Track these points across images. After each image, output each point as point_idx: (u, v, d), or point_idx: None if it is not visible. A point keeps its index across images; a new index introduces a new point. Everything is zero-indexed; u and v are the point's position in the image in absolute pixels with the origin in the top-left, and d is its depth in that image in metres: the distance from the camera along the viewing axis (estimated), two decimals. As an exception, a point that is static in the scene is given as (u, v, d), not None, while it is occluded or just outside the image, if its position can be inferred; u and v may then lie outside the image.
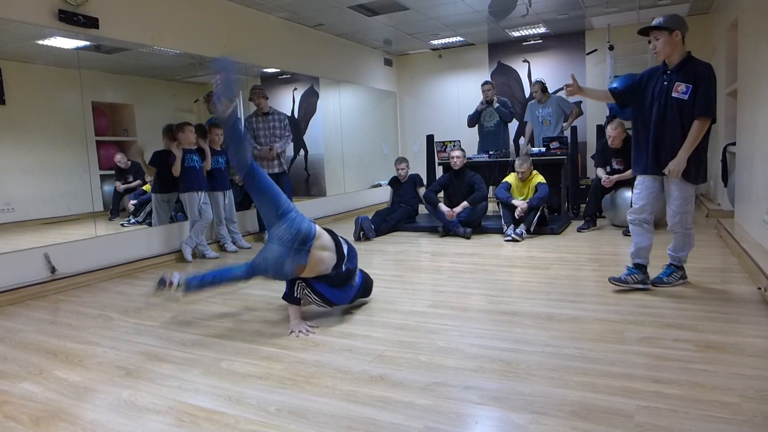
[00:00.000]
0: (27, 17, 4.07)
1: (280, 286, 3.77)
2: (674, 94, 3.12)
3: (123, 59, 5.31)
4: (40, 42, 4.46)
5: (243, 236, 5.72)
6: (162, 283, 2.91)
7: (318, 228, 2.96)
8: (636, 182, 3.44)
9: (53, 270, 4.14)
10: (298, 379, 2.28)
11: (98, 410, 2.08)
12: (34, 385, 2.34)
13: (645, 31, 3.22)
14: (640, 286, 3.35)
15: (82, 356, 2.67)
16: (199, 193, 5.04)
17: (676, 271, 3.42)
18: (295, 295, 2.89)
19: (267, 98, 5.83)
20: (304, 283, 2.89)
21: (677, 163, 3.12)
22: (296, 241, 2.80)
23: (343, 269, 2.98)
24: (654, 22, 3.17)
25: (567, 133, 6.78)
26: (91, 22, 4.43)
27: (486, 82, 7.12)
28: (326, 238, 2.98)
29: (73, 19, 4.29)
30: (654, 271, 3.46)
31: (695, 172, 3.18)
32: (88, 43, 4.64)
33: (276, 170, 5.80)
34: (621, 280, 3.38)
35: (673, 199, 3.25)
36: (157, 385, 2.29)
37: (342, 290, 3.05)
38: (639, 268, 3.38)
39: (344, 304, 3.19)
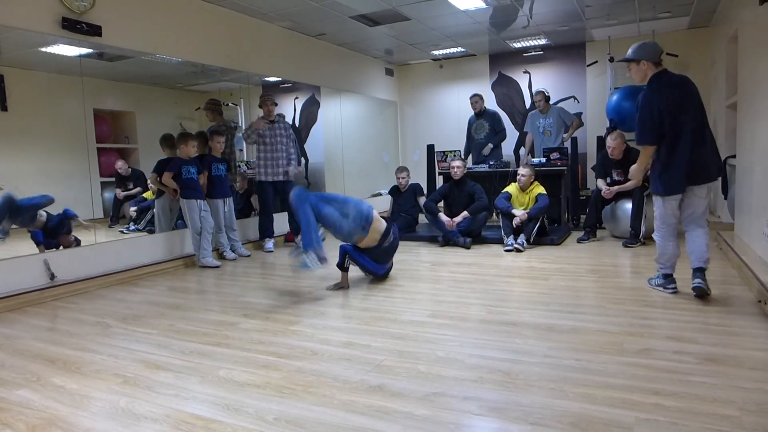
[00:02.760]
0: (31, 25, 4.09)
1: (280, 295, 3.78)
2: None
3: (125, 67, 5.33)
4: (43, 49, 4.48)
5: (243, 244, 5.72)
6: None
7: (375, 212, 4.04)
8: None
9: (52, 276, 4.13)
10: (297, 388, 2.27)
11: (95, 418, 2.07)
12: (32, 392, 2.33)
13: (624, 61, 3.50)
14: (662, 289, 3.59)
15: (80, 363, 2.67)
16: (198, 201, 5.05)
17: (659, 277, 3.62)
18: (345, 265, 3.98)
19: (276, 105, 5.90)
20: (350, 257, 3.97)
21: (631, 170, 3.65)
22: (362, 221, 3.93)
23: (382, 245, 4.05)
24: (626, 54, 3.44)
25: (567, 144, 6.80)
26: (94, 30, 4.46)
27: (473, 95, 7.27)
28: (381, 224, 4.06)
29: (76, 27, 4.32)
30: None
31: (654, 186, 3.43)
32: (90, 50, 4.66)
33: (281, 178, 5.85)
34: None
35: None
36: (155, 393, 2.28)
37: (378, 264, 4.12)
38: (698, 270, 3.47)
39: (379, 274, 4.19)
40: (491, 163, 6.74)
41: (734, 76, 5.40)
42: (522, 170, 5.57)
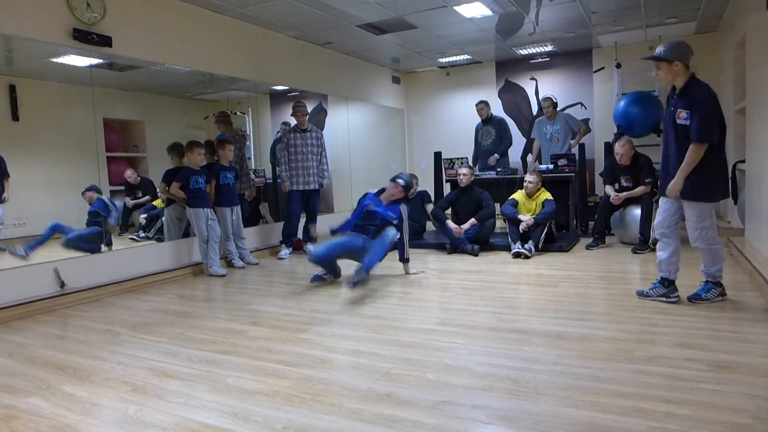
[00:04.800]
0: (42, 36, 4.15)
1: (288, 303, 3.79)
2: (678, 121, 3.22)
3: (135, 76, 5.39)
4: (54, 60, 4.54)
5: (251, 252, 5.73)
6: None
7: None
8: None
9: (63, 284, 4.16)
10: (305, 396, 2.27)
11: (105, 426, 2.08)
12: (42, 400, 2.34)
13: (653, 59, 3.34)
14: (663, 299, 3.46)
15: (90, 371, 2.68)
16: (205, 210, 5.07)
17: (713, 287, 3.39)
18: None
19: (308, 115, 5.96)
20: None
21: (672, 184, 3.27)
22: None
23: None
24: (655, 53, 3.28)
25: (575, 150, 6.79)
26: (105, 41, 4.51)
27: (479, 102, 7.26)
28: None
29: (87, 38, 4.37)
30: (688, 290, 3.48)
31: (701, 189, 3.23)
32: (101, 60, 4.71)
33: (311, 187, 5.95)
34: (644, 294, 3.58)
35: (688, 217, 3.33)
36: (164, 401, 2.29)
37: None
38: (662, 282, 3.49)
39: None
40: (498, 170, 6.73)
41: (742, 81, 5.37)
42: (528, 177, 5.57)
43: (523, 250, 5.21)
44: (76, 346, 3.10)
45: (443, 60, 8.67)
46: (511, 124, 7.97)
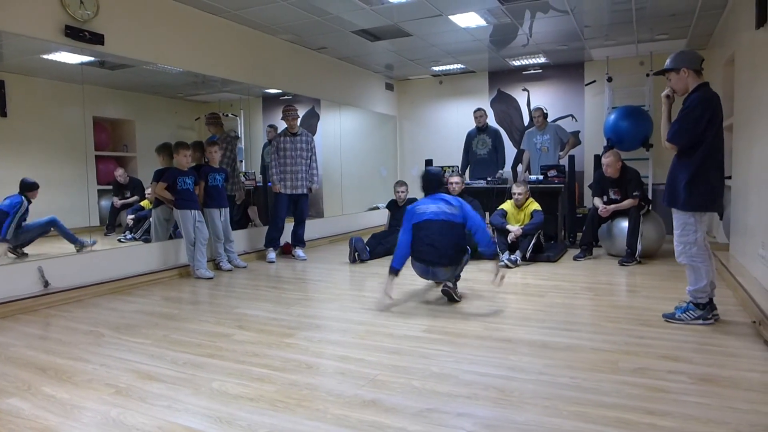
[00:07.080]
0: (34, 32, 4.11)
1: (275, 307, 3.76)
2: None
3: (126, 75, 5.36)
4: (45, 56, 4.50)
5: (239, 255, 5.70)
6: None
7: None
8: None
9: (46, 284, 4.11)
10: (290, 401, 2.25)
11: (86, 428, 2.05)
12: (22, 401, 2.30)
13: (662, 73, 3.32)
14: (700, 321, 3.27)
15: (72, 373, 2.64)
16: (193, 212, 5.04)
17: (693, 308, 3.26)
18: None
19: (298, 118, 5.95)
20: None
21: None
22: None
23: None
24: (665, 65, 3.28)
25: (564, 161, 6.84)
26: (97, 39, 4.48)
27: (478, 109, 7.27)
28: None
29: (79, 35, 4.34)
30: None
31: (683, 198, 3.16)
32: (92, 58, 4.68)
33: (299, 191, 5.94)
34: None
35: (674, 228, 3.29)
36: (147, 404, 2.26)
37: None
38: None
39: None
40: (489, 179, 6.76)
41: (730, 98, 5.44)
42: (516, 188, 5.59)
43: (508, 262, 5.22)
44: (58, 347, 3.06)
45: (437, 68, 8.72)
46: (502, 134, 8.00)
